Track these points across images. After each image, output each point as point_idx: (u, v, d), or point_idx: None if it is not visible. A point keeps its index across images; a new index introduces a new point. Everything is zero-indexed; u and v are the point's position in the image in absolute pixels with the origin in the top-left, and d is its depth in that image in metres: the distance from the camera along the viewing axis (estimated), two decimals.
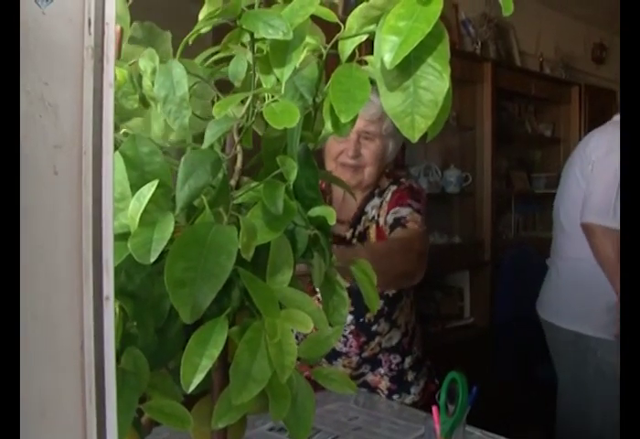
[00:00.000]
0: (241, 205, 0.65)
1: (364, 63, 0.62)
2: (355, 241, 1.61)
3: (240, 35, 0.65)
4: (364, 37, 0.62)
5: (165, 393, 0.63)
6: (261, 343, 0.59)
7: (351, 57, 0.62)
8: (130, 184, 0.60)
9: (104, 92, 0.40)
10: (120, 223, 0.58)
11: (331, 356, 1.60)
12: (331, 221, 0.66)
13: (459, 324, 3.28)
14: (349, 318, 1.58)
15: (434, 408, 1.06)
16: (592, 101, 4.12)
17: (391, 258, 1.41)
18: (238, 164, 0.65)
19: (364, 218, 1.64)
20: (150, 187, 0.58)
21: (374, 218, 1.62)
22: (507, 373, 3.15)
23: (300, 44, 0.60)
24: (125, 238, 0.56)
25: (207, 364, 0.56)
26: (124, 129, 0.66)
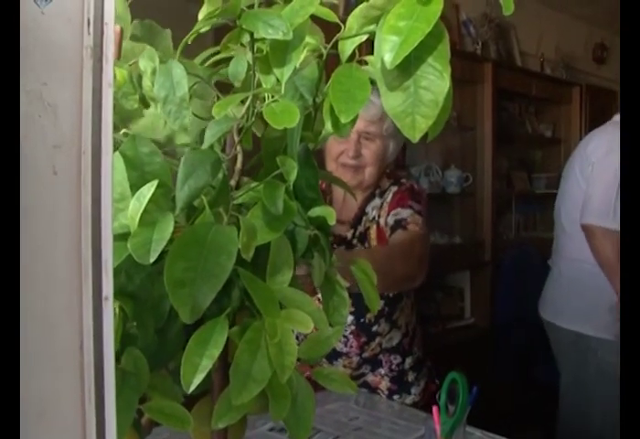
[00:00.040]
0: (241, 205, 0.65)
1: (364, 63, 0.62)
2: (355, 242, 1.61)
3: (240, 35, 0.65)
4: (364, 37, 0.62)
5: (165, 394, 0.63)
6: (262, 343, 0.59)
7: (351, 57, 0.62)
8: (130, 184, 0.59)
9: (103, 92, 0.40)
10: (120, 223, 0.58)
11: (331, 356, 1.60)
12: (331, 221, 0.66)
13: (459, 324, 3.28)
14: (350, 319, 1.58)
15: (435, 408, 1.06)
16: (592, 102, 4.12)
17: (392, 263, 1.41)
18: (238, 164, 0.65)
19: (364, 218, 1.63)
20: (150, 188, 0.58)
21: (374, 218, 1.62)
22: (508, 373, 3.15)
23: (300, 44, 0.59)
24: (125, 238, 0.56)
25: (207, 364, 0.56)
26: (124, 130, 0.66)
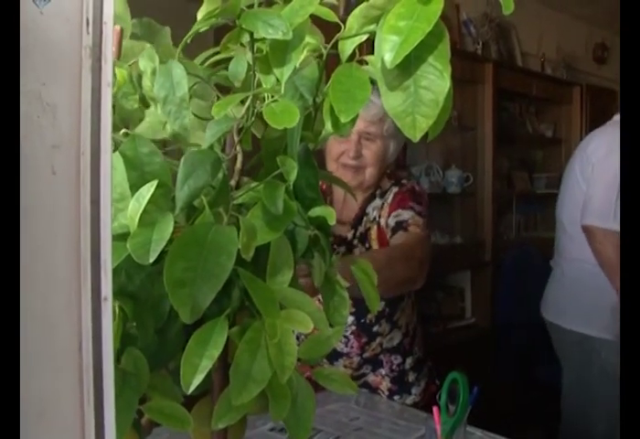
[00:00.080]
0: (241, 205, 0.65)
1: (364, 63, 0.62)
2: (356, 242, 1.61)
3: (240, 35, 0.65)
4: (364, 37, 0.62)
5: (165, 394, 0.63)
6: (262, 343, 0.59)
7: (351, 57, 0.62)
8: (129, 184, 0.59)
9: (102, 92, 0.40)
10: (119, 223, 0.58)
11: (332, 356, 1.60)
12: (331, 221, 0.66)
13: (460, 324, 3.28)
14: (350, 319, 1.58)
15: (435, 408, 1.06)
16: (593, 102, 4.11)
17: (393, 266, 1.39)
18: (238, 164, 0.65)
19: (365, 219, 1.63)
20: (149, 188, 0.58)
21: (375, 219, 1.61)
22: (508, 373, 3.15)
23: (300, 44, 0.59)
24: (125, 238, 0.56)
25: (207, 364, 0.56)
26: (124, 129, 0.66)
